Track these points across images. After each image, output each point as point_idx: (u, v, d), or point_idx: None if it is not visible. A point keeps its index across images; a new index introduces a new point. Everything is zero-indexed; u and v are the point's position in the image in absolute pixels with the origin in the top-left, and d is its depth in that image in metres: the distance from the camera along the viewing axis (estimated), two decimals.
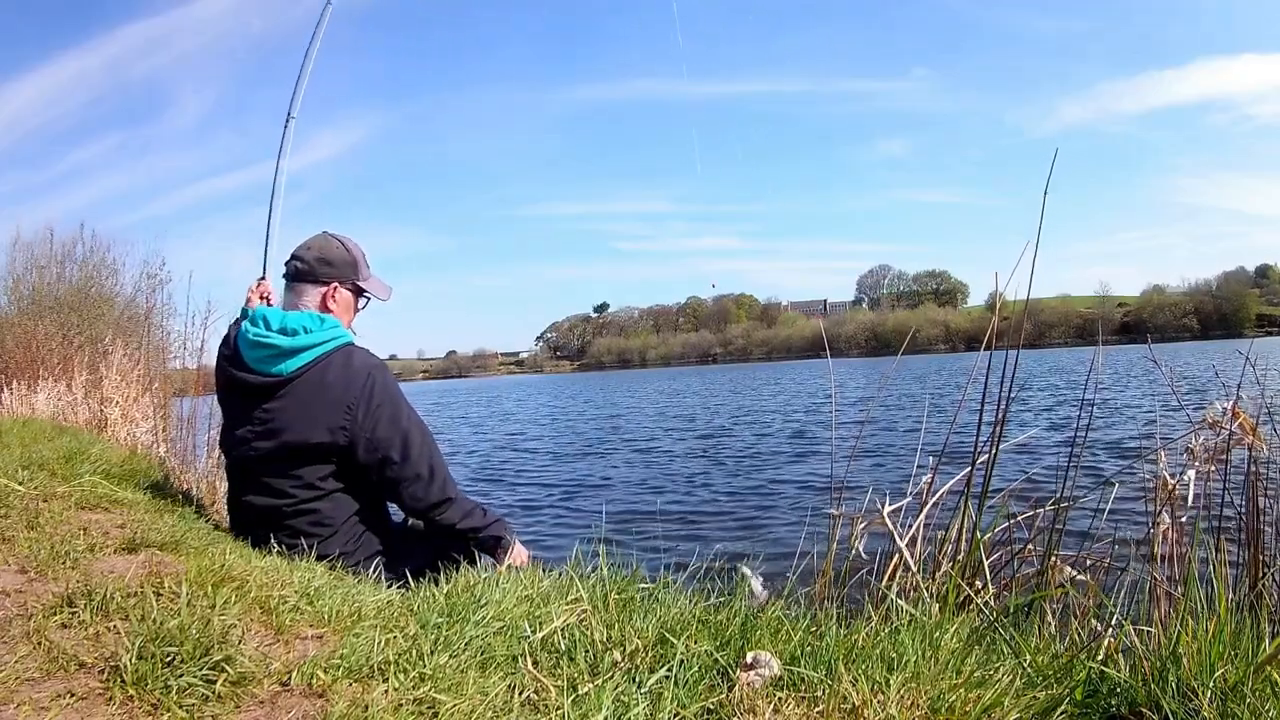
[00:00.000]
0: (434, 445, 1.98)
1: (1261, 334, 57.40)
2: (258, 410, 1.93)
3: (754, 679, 1.14)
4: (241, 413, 1.97)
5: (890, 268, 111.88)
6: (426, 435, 1.98)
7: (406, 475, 1.91)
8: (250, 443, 1.93)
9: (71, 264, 9.26)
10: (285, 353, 1.92)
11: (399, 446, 1.91)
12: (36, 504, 1.97)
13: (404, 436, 1.92)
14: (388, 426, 1.90)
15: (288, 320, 1.96)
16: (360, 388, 1.90)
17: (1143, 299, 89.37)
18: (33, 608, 1.24)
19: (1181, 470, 2.03)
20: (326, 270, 2.06)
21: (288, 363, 1.91)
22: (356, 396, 1.89)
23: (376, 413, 1.90)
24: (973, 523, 1.94)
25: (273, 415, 1.91)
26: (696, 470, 7.81)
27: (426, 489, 1.93)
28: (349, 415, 1.87)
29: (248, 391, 1.95)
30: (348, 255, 2.10)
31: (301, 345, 1.92)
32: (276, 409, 1.91)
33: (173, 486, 3.04)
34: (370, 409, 1.89)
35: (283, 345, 1.92)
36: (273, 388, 1.92)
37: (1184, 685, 1.14)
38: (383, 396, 1.92)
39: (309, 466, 1.90)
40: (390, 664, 1.14)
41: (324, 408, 1.87)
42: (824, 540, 2.20)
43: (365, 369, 1.93)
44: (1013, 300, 2.05)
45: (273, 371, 1.92)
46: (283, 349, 1.92)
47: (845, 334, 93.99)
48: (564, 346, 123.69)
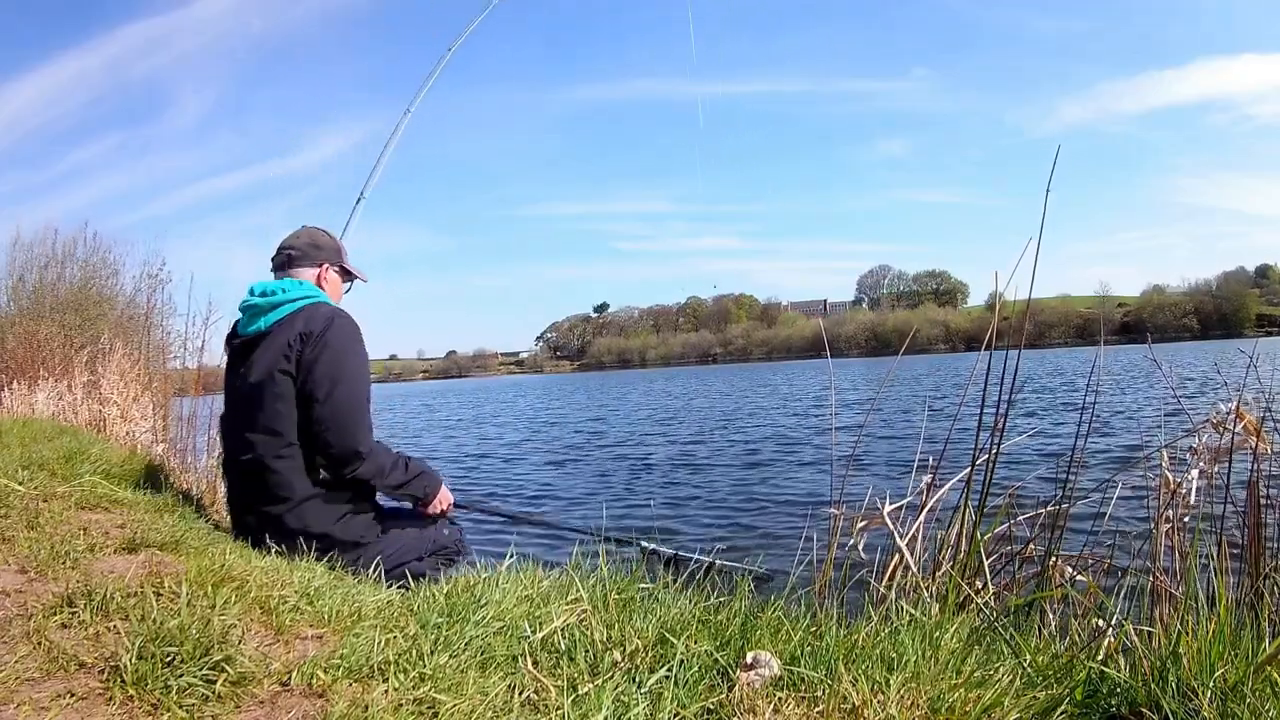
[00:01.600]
0: (362, 401, 2.06)
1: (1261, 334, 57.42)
2: (241, 368, 2.11)
3: (754, 679, 1.14)
4: (231, 381, 2.17)
5: (890, 268, 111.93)
6: (358, 389, 2.05)
7: (324, 417, 1.98)
8: (234, 400, 2.13)
9: (72, 264, 9.27)
10: (263, 310, 2.10)
11: (326, 387, 1.99)
12: (36, 504, 1.97)
13: (334, 380, 2.00)
14: (326, 366, 2.00)
15: (269, 285, 2.16)
16: (319, 324, 2.04)
17: (1143, 299, 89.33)
18: (33, 608, 1.24)
19: (1184, 470, 2.03)
20: (317, 254, 2.26)
21: (265, 318, 2.09)
22: (312, 330, 2.03)
23: (322, 350, 2.01)
24: (973, 523, 1.94)
25: (250, 365, 2.07)
26: (697, 470, 7.81)
27: (339, 437, 1.99)
28: (301, 345, 2.01)
29: (236, 355, 2.15)
30: (333, 241, 2.33)
31: (278, 301, 2.10)
32: (254, 359, 2.07)
33: (173, 486, 3.04)
34: (318, 345, 2.01)
35: (261, 304, 2.11)
36: (254, 343, 2.09)
37: (1184, 685, 1.14)
38: (334, 339, 2.03)
39: (273, 409, 2.01)
40: (390, 664, 1.14)
41: (285, 343, 2.03)
42: (824, 540, 2.20)
43: (331, 314, 2.08)
44: (1013, 300, 2.04)
45: (252, 330, 2.10)
46: (261, 306, 2.10)
47: (845, 334, 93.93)
48: (564, 346, 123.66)
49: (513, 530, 3.02)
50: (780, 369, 54.32)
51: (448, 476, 2.45)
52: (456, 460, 9.46)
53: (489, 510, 2.95)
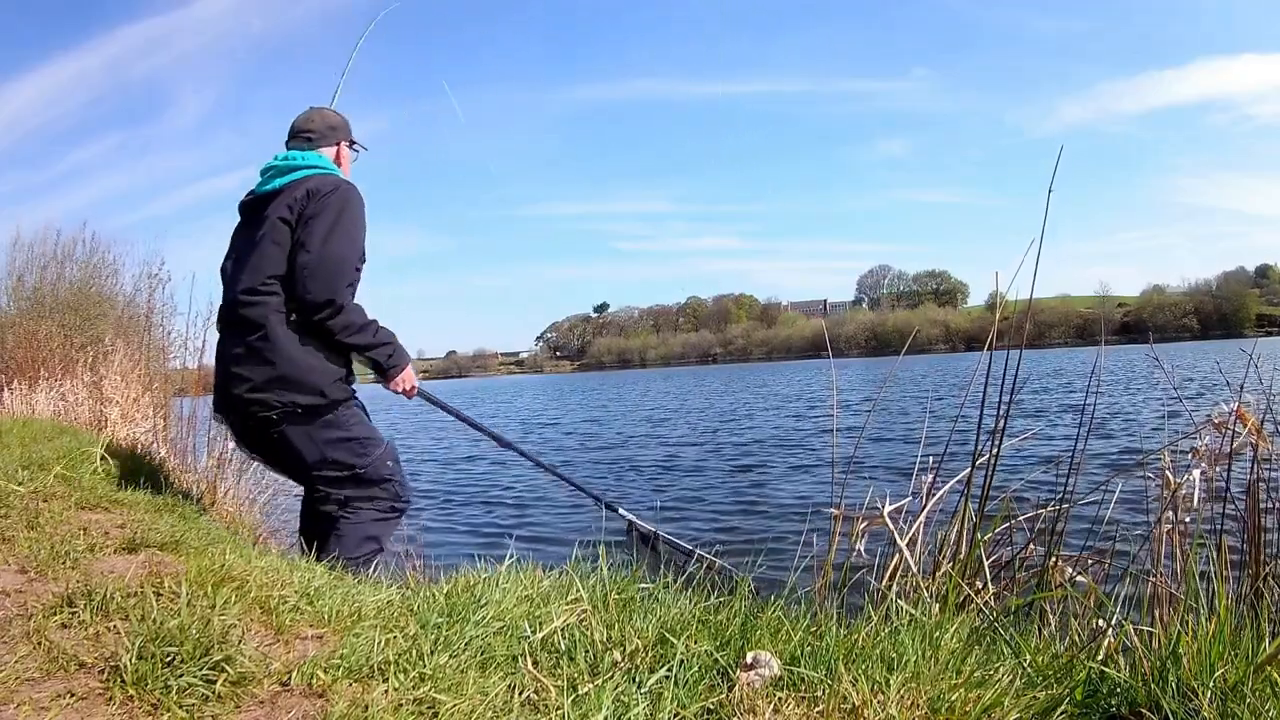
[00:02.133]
0: (349, 261, 2.19)
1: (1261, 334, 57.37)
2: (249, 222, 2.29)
3: (754, 679, 1.14)
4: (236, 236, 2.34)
5: (890, 268, 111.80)
6: (347, 250, 2.18)
7: (309, 264, 2.12)
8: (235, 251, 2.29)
9: (72, 264, 9.27)
10: (282, 171, 2.27)
11: (318, 238, 2.14)
12: (36, 504, 1.97)
13: (327, 235, 2.14)
14: (322, 221, 2.15)
15: (291, 153, 2.33)
16: (327, 186, 2.20)
17: (1143, 299, 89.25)
18: (33, 608, 1.24)
19: (1185, 470, 2.03)
20: (333, 134, 2.47)
21: (281, 179, 2.25)
22: (319, 190, 2.19)
23: (323, 208, 2.16)
24: (973, 523, 1.94)
25: (257, 219, 2.23)
26: (687, 473, 7.81)
27: (319, 285, 2.12)
28: (306, 200, 2.17)
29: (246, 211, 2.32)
30: (343, 120, 2.52)
31: (295, 165, 2.27)
32: (268, 213, 2.20)
33: (173, 486, 3.04)
34: (321, 202, 2.17)
35: (281, 165, 2.28)
36: (266, 199, 2.24)
37: (1184, 685, 1.14)
38: (336, 201, 2.18)
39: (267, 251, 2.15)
40: (390, 664, 1.14)
41: (293, 197, 2.19)
42: (824, 540, 2.20)
43: (339, 182, 2.24)
44: (1013, 300, 2.04)
45: (266, 189, 2.26)
46: (280, 168, 2.28)
47: (845, 334, 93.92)
48: (564, 346, 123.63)
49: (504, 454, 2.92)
50: (780, 369, 54.27)
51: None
52: (449, 463, 9.33)
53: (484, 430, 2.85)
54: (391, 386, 2.38)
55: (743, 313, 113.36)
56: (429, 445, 11.84)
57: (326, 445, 2.22)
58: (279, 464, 2.37)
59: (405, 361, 2.37)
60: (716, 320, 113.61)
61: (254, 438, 2.29)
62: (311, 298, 2.13)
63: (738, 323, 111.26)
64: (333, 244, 2.15)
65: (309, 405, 2.18)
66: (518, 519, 5.64)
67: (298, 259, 2.14)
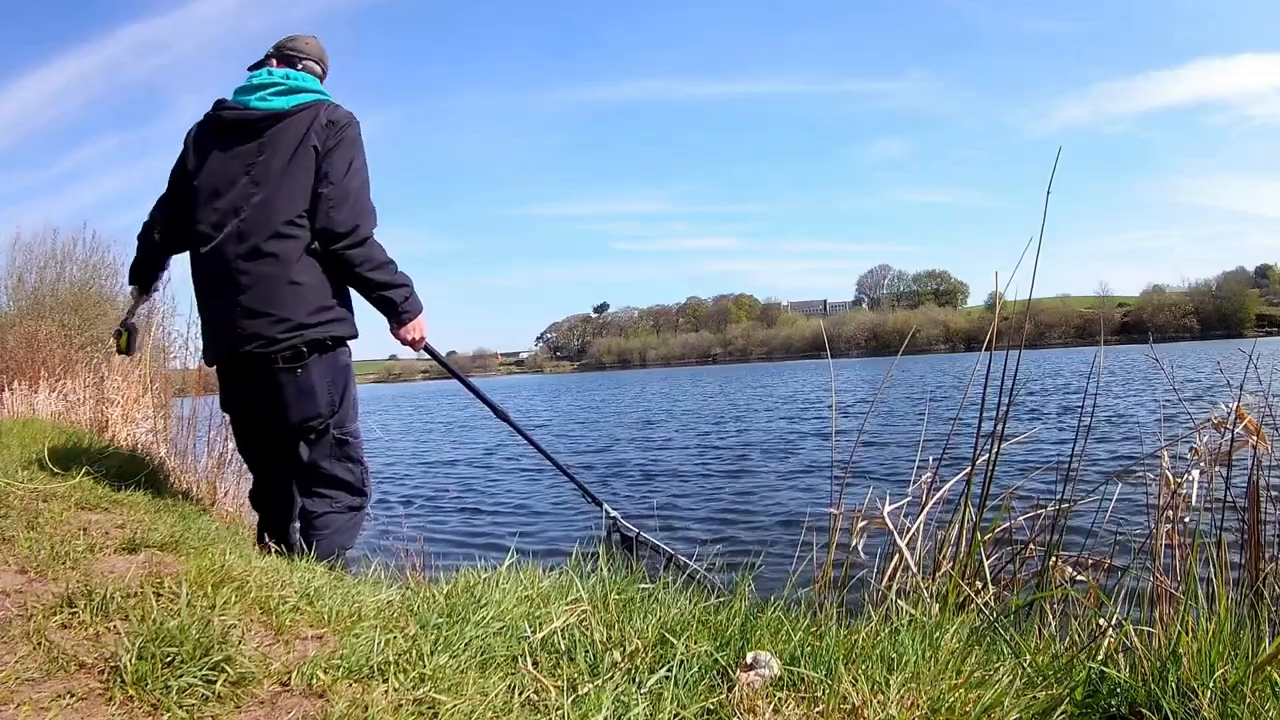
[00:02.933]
0: (366, 191, 2.21)
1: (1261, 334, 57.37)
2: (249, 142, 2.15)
3: (754, 679, 1.14)
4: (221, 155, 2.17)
5: (890, 268, 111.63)
6: (364, 179, 2.20)
7: (334, 196, 2.11)
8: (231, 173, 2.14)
9: (72, 264, 9.27)
10: (289, 89, 2.19)
11: (341, 169, 2.14)
12: (36, 504, 1.97)
13: (350, 165, 2.16)
14: (344, 151, 2.16)
15: (289, 72, 2.25)
16: (343, 116, 2.20)
17: (1143, 299, 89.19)
18: (33, 608, 1.24)
19: (1185, 470, 2.03)
20: (318, 66, 2.39)
21: (287, 99, 2.18)
22: (336, 120, 2.18)
23: (342, 139, 2.17)
24: (973, 523, 1.94)
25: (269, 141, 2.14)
26: (696, 469, 7.81)
27: (346, 214, 2.12)
28: (329, 129, 2.16)
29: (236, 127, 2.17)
30: (325, 53, 2.44)
31: (301, 87, 2.21)
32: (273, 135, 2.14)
33: (173, 486, 3.04)
34: (342, 133, 2.17)
35: (284, 83, 2.20)
36: (273, 118, 2.15)
37: (1184, 685, 1.14)
38: (354, 133, 2.20)
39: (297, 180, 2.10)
40: (390, 664, 1.14)
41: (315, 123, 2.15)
42: (824, 540, 2.20)
43: (350, 113, 2.24)
44: (1013, 300, 2.05)
45: (266, 106, 2.16)
46: (286, 85, 2.19)
47: (845, 334, 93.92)
48: (564, 347, 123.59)
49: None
50: (779, 369, 54.23)
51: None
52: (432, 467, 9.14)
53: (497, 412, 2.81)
54: (402, 333, 2.30)
55: (742, 313, 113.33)
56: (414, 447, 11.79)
57: (332, 387, 2.20)
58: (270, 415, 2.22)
59: (420, 309, 2.31)
60: (716, 320, 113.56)
61: (256, 385, 2.17)
62: (338, 227, 2.11)
63: (737, 323, 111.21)
64: (353, 177, 2.15)
65: (339, 336, 2.19)
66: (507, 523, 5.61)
67: (320, 189, 2.11)
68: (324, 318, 2.14)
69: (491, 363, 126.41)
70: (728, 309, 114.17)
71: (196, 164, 2.19)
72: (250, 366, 2.13)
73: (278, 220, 2.08)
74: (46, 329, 7.66)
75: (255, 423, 2.27)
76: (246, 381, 2.18)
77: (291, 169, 2.11)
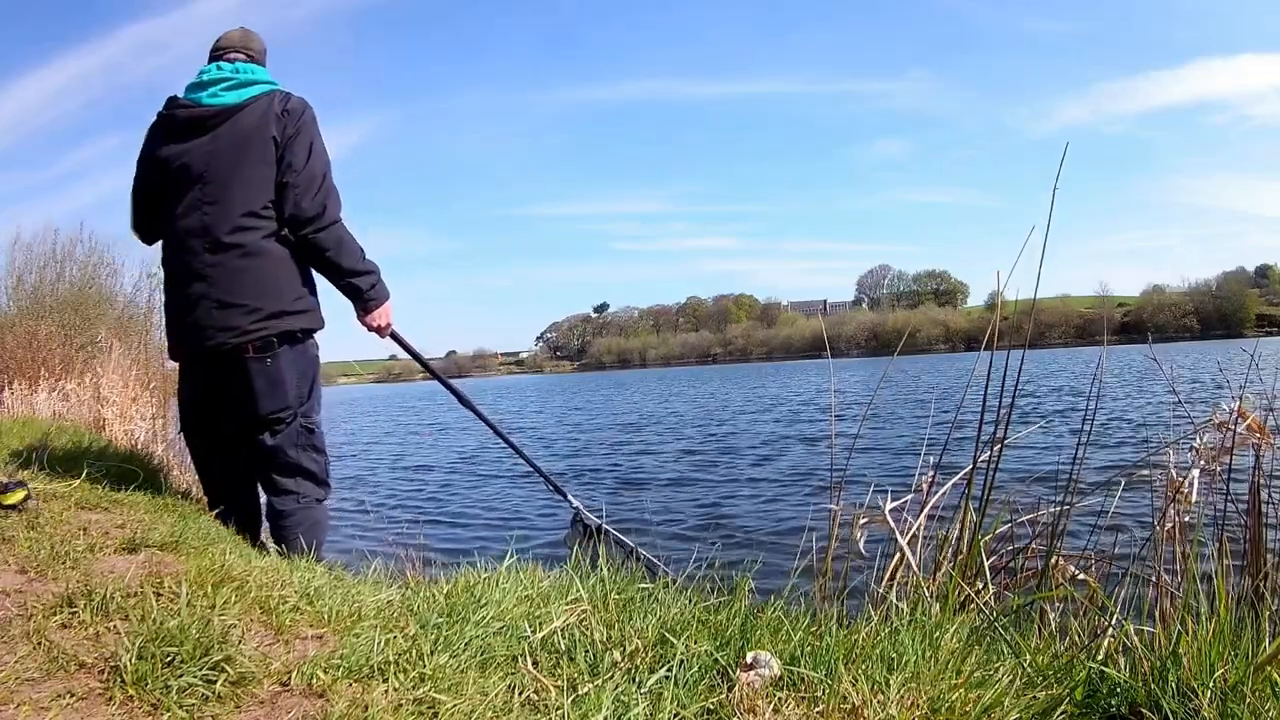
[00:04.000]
0: (329, 175, 2.22)
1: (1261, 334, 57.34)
2: (201, 136, 2.15)
3: (754, 679, 1.14)
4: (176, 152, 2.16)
5: (890, 268, 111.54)
6: (326, 163, 2.22)
7: (300, 183, 2.14)
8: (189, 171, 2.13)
9: (72, 264, 9.26)
10: (239, 83, 2.19)
11: (303, 157, 2.16)
12: (36, 504, 1.97)
13: (310, 152, 2.17)
14: (304, 140, 2.18)
15: (238, 65, 2.24)
16: (297, 104, 2.21)
17: (1143, 299, 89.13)
18: (33, 608, 1.24)
19: (1186, 469, 2.03)
20: (263, 58, 2.37)
21: (238, 92, 2.18)
22: (291, 109, 2.19)
23: (301, 128, 2.18)
24: (974, 522, 1.94)
25: (222, 134, 2.13)
26: (696, 469, 7.80)
27: (313, 199, 2.15)
28: (285, 118, 2.17)
29: (188, 126, 2.16)
30: (260, 39, 2.42)
31: (251, 80, 2.21)
32: (226, 129, 2.14)
33: (173, 486, 3.04)
34: (299, 121, 2.18)
35: (234, 77, 2.19)
36: (228, 113, 2.15)
37: (1184, 685, 1.14)
38: (310, 121, 2.21)
39: (257, 172, 2.11)
40: (390, 664, 1.14)
41: (270, 114, 2.16)
42: (824, 539, 2.20)
43: (304, 102, 2.24)
44: (1013, 300, 2.04)
45: (219, 102, 2.16)
46: (235, 80, 2.19)
47: (845, 334, 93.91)
48: (564, 346, 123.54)
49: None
50: (779, 369, 54.20)
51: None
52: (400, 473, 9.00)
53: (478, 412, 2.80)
54: (367, 320, 2.32)
55: (742, 313, 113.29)
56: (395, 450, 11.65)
57: (301, 379, 2.22)
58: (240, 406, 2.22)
59: (387, 296, 2.34)
60: (716, 320, 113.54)
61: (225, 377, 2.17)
62: (305, 212, 2.13)
63: (737, 323, 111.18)
64: (315, 162, 2.18)
65: (307, 328, 2.20)
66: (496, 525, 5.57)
67: (285, 179, 2.13)
68: (293, 308, 2.17)
69: (491, 362, 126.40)
70: (728, 309, 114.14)
71: (155, 163, 2.22)
72: (220, 358, 2.15)
73: (239, 213, 2.10)
74: (46, 329, 7.66)
75: (223, 417, 2.27)
76: (215, 374, 2.19)
77: (250, 160, 2.12)
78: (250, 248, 2.11)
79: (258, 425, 2.21)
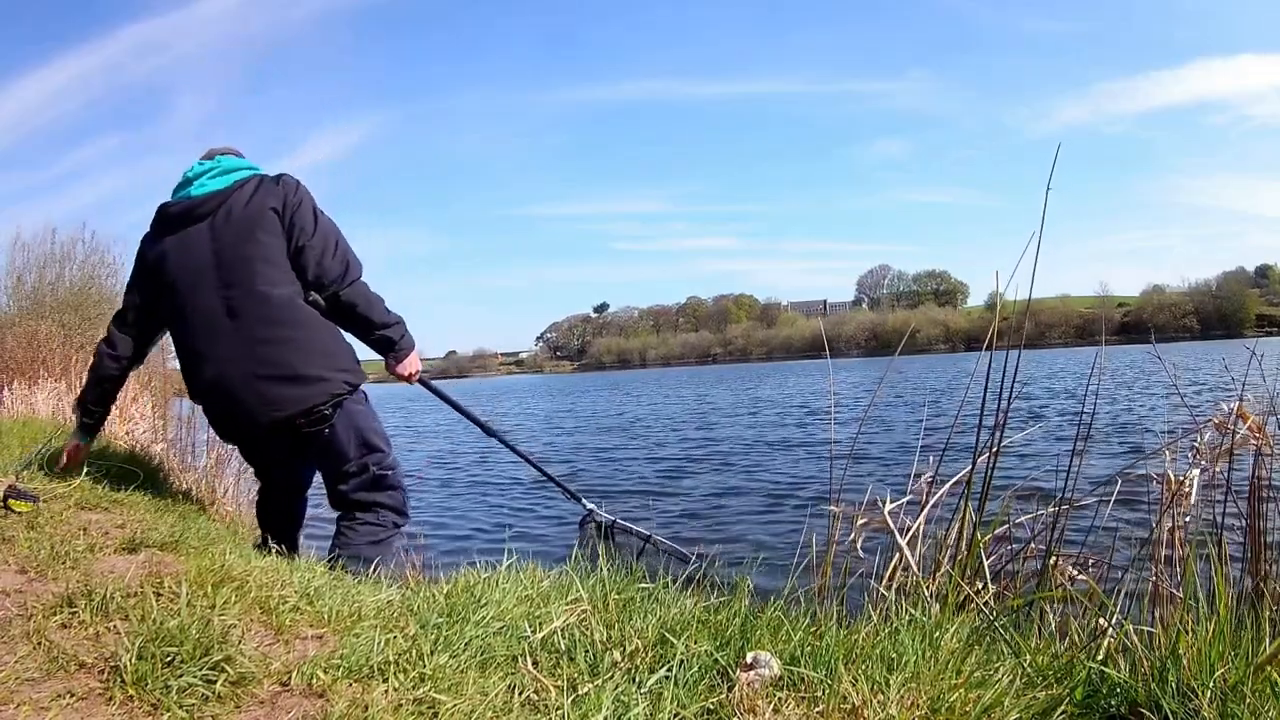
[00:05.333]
0: (341, 236, 2.27)
1: (1261, 334, 57.36)
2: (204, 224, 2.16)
3: (754, 679, 1.14)
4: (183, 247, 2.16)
5: (890, 268, 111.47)
6: (335, 227, 2.27)
7: (315, 245, 2.18)
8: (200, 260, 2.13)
9: (72, 264, 9.29)
10: (225, 169, 2.23)
11: (311, 224, 2.20)
12: (37, 504, 1.97)
13: (317, 219, 2.22)
14: (307, 210, 2.21)
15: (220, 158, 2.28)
16: (290, 180, 2.25)
17: (1143, 299, 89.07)
18: (33, 608, 1.24)
19: (1187, 469, 2.03)
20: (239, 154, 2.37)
21: (225, 178, 2.21)
22: (286, 182, 2.23)
23: (302, 199, 2.22)
24: (973, 522, 1.94)
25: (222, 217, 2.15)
26: (695, 468, 7.80)
27: (332, 260, 2.19)
28: (282, 189, 2.20)
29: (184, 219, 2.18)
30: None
31: (236, 167, 2.25)
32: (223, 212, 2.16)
33: (173, 486, 3.04)
34: (297, 193, 2.22)
35: (221, 165, 2.24)
36: (220, 198, 2.17)
37: (1184, 685, 1.14)
38: (305, 191, 2.25)
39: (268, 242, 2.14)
40: (390, 664, 1.14)
41: (266, 189, 2.20)
42: (823, 539, 2.20)
43: (290, 179, 2.27)
44: (1013, 300, 2.04)
45: (207, 190, 2.19)
46: (222, 167, 2.24)
47: (845, 334, 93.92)
48: (564, 346, 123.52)
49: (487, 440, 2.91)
50: (779, 369, 54.18)
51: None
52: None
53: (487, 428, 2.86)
54: (398, 369, 2.37)
55: (742, 313, 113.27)
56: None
57: (363, 429, 2.25)
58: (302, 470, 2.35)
59: (413, 345, 2.38)
60: (716, 320, 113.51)
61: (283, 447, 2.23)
62: (330, 273, 2.17)
63: (737, 323, 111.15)
64: (326, 226, 2.23)
65: (352, 383, 2.21)
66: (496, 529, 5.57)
67: (301, 243, 2.16)
68: (335, 369, 2.17)
69: (491, 363, 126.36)
70: (728, 309, 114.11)
71: (160, 265, 2.18)
72: (272, 433, 2.16)
73: (261, 286, 2.10)
74: (46, 329, 7.68)
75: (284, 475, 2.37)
76: (272, 443, 2.23)
77: (257, 235, 2.13)
78: (279, 320, 2.11)
79: (327, 479, 2.28)
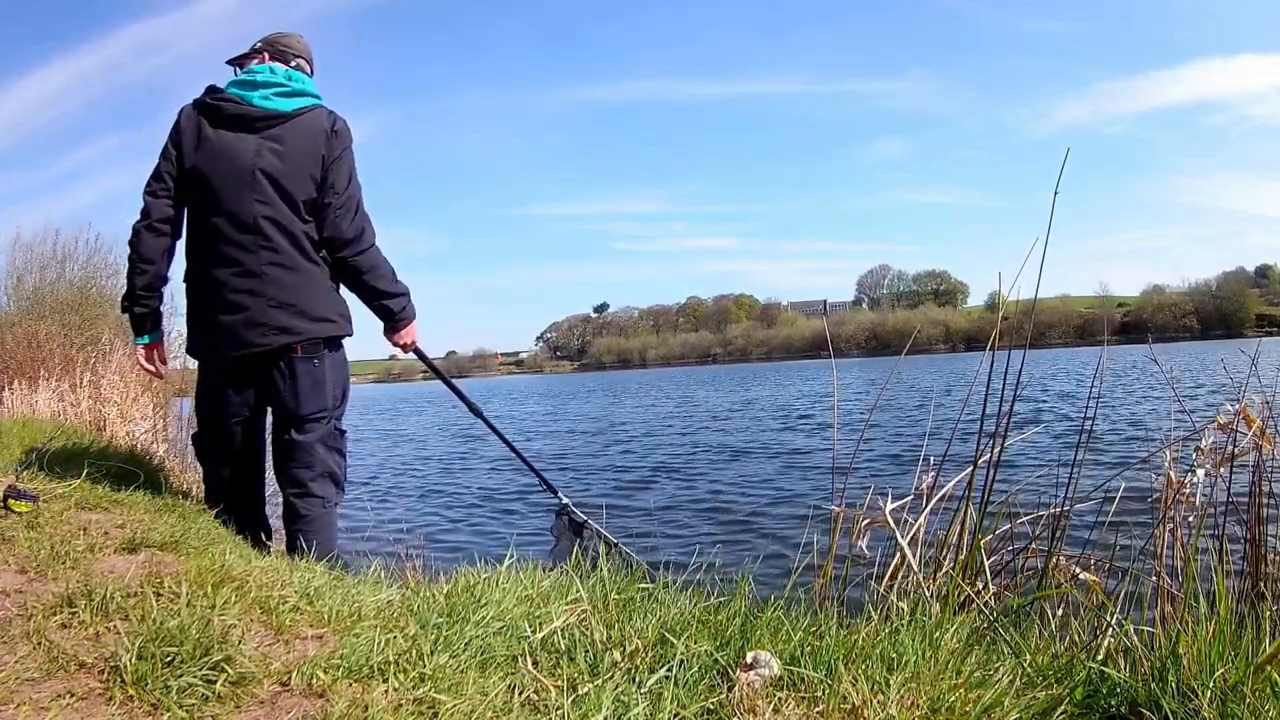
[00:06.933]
0: (363, 200, 2.29)
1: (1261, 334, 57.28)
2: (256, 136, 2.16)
3: (754, 679, 1.14)
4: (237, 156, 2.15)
5: (890, 268, 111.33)
6: (360, 189, 2.29)
7: (339, 204, 2.20)
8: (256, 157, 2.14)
9: (72, 264, 9.28)
10: (290, 91, 2.22)
11: (345, 179, 2.22)
12: (36, 504, 1.97)
13: (351, 177, 2.25)
14: (346, 163, 2.24)
15: (291, 73, 2.27)
16: (343, 125, 2.25)
17: (1143, 299, 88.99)
18: (33, 608, 1.24)
19: (1189, 470, 2.03)
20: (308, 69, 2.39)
21: (290, 101, 2.20)
22: (339, 129, 2.23)
23: (344, 150, 2.24)
24: (974, 523, 1.94)
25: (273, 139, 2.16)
26: (695, 468, 7.80)
27: (352, 222, 2.22)
28: (334, 139, 2.21)
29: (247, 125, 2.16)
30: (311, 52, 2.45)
31: (302, 90, 2.25)
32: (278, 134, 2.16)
33: (173, 486, 3.04)
34: (343, 143, 2.24)
35: (286, 84, 2.22)
36: (278, 118, 2.18)
37: (1184, 685, 1.14)
38: (350, 146, 2.26)
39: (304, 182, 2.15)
40: (390, 664, 1.14)
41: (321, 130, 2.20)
42: (825, 539, 2.20)
43: (349, 126, 2.29)
44: (1014, 300, 2.04)
45: (274, 107, 2.18)
46: (288, 88, 2.22)
47: (845, 334, 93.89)
48: (564, 346, 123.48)
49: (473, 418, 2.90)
50: (779, 369, 54.16)
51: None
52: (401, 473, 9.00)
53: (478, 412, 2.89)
54: (398, 338, 2.42)
55: (742, 313, 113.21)
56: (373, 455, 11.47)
57: (337, 382, 2.29)
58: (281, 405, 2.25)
59: (414, 315, 2.43)
60: (716, 320, 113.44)
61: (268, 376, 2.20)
62: (345, 234, 2.20)
63: (737, 323, 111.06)
64: (354, 188, 2.25)
65: (344, 334, 2.28)
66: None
67: (327, 199, 2.18)
68: (334, 314, 2.25)
69: (491, 363, 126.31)
70: (728, 309, 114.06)
71: (197, 155, 2.15)
72: (264, 358, 2.18)
73: (291, 216, 2.15)
74: (46, 329, 7.67)
75: (254, 412, 2.31)
76: (256, 373, 2.22)
77: (302, 172, 2.16)
78: (298, 254, 2.17)
79: (295, 423, 2.26)
